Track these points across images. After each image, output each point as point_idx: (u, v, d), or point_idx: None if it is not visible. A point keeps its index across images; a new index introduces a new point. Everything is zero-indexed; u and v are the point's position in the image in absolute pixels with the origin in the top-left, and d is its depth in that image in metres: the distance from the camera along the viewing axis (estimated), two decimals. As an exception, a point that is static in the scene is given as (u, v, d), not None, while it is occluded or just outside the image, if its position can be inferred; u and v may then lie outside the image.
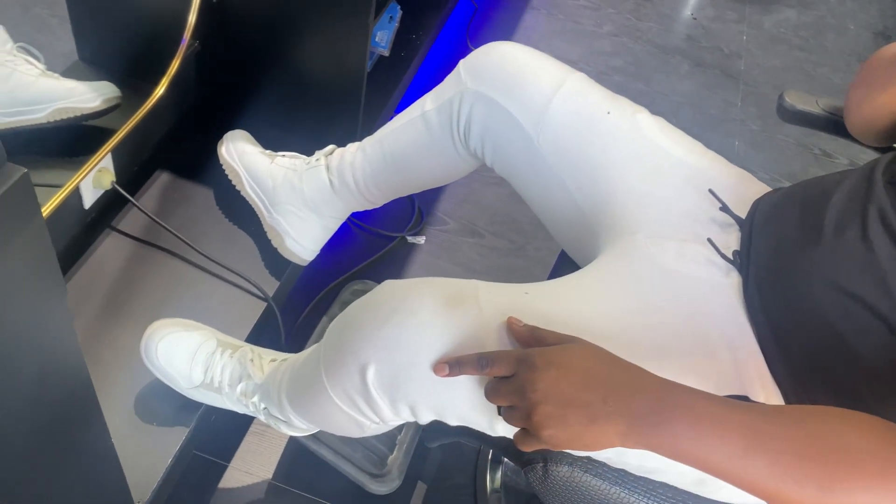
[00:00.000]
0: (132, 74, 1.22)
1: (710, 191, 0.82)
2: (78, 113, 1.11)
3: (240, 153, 1.17)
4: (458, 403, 0.69)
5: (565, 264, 0.99)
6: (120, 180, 1.14)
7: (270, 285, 1.18)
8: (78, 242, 1.14)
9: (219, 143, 1.21)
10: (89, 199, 1.12)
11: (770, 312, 0.72)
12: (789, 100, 0.92)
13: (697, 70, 2.24)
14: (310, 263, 1.20)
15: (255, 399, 0.92)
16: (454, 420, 0.71)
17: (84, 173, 1.08)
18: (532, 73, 0.89)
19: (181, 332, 0.98)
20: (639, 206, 0.83)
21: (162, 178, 1.27)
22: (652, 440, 0.58)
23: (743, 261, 0.77)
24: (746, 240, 0.78)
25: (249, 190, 1.16)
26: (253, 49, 1.31)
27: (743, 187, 0.85)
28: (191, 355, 0.96)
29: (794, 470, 0.54)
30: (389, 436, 1.15)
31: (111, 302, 1.10)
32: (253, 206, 1.17)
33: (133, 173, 1.23)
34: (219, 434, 1.19)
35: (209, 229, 1.22)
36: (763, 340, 0.72)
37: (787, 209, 0.77)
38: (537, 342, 0.65)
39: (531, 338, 0.65)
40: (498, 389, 0.63)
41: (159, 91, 1.17)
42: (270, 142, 1.22)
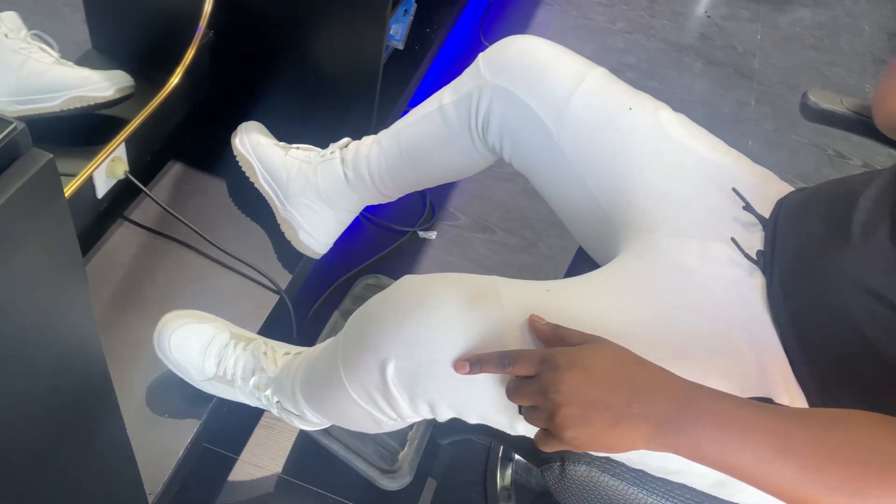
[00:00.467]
0: (145, 64, 1.21)
1: (734, 189, 0.81)
2: (91, 102, 1.10)
3: (254, 145, 1.17)
4: (479, 402, 0.68)
5: (582, 262, 0.98)
6: (133, 170, 1.13)
7: (283, 278, 1.17)
8: (90, 232, 1.14)
9: (232, 135, 1.20)
10: (102, 189, 1.11)
11: (795, 314, 0.71)
12: (814, 98, 0.91)
13: (711, 68, 2.23)
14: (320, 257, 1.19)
15: (268, 392, 0.91)
16: (474, 418, 0.70)
17: (98, 163, 1.07)
18: (553, 68, 0.88)
19: (194, 324, 0.97)
20: (659, 204, 0.82)
21: (175, 169, 1.27)
22: (677, 443, 0.57)
23: (767, 261, 0.76)
24: (770, 240, 0.77)
25: (263, 182, 1.15)
26: (268, 40, 1.30)
27: (766, 187, 0.84)
28: (204, 347, 0.96)
29: (825, 475, 0.54)
30: (401, 432, 1.14)
31: (123, 292, 1.09)
32: (266, 199, 1.16)
33: (146, 163, 1.22)
34: (228, 427, 1.19)
35: (222, 221, 1.21)
36: (787, 342, 0.71)
37: (813, 209, 0.76)
38: (560, 341, 0.64)
39: (554, 336, 0.64)
40: (520, 389, 0.62)
41: (174, 81, 1.16)
42: (284, 133, 1.21)
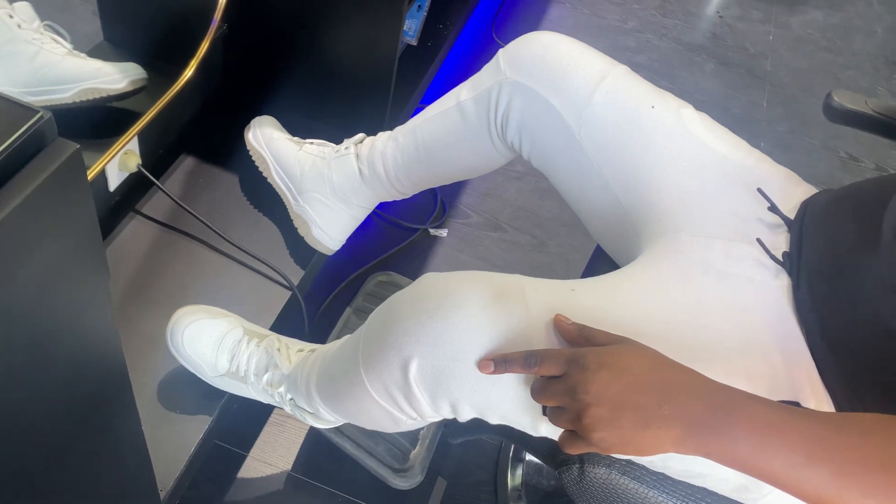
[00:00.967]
0: (158, 57, 1.19)
1: (759, 190, 0.79)
2: (104, 94, 1.09)
3: (267, 139, 1.15)
4: (502, 402, 0.67)
5: (600, 261, 0.97)
6: (145, 163, 1.12)
7: (295, 274, 1.16)
8: (102, 225, 1.11)
9: (246, 129, 1.19)
10: (114, 182, 1.10)
11: (822, 316, 0.70)
12: (838, 99, 0.90)
13: (723, 69, 2.21)
14: (330, 253, 1.18)
15: (282, 389, 0.90)
16: (496, 419, 0.69)
17: (110, 156, 1.06)
18: (575, 65, 0.87)
19: (207, 320, 0.96)
20: (682, 204, 0.81)
21: (187, 163, 1.26)
22: (708, 446, 0.56)
23: (793, 262, 0.75)
24: (797, 241, 0.76)
25: (276, 177, 1.14)
26: (282, 34, 1.29)
27: (790, 188, 0.82)
28: (217, 343, 0.95)
29: (860, 480, 0.53)
30: (412, 431, 1.13)
31: (135, 287, 1.08)
32: (279, 194, 1.15)
33: (158, 157, 1.21)
34: (238, 423, 1.18)
35: (234, 215, 1.20)
36: (814, 344, 0.70)
37: (840, 211, 0.75)
38: (587, 341, 0.63)
39: (580, 337, 0.63)
40: (546, 389, 0.61)
41: (188, 73, 1.15)
42: (298, 128, 1.20)
